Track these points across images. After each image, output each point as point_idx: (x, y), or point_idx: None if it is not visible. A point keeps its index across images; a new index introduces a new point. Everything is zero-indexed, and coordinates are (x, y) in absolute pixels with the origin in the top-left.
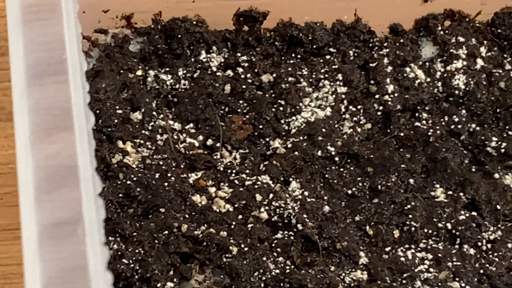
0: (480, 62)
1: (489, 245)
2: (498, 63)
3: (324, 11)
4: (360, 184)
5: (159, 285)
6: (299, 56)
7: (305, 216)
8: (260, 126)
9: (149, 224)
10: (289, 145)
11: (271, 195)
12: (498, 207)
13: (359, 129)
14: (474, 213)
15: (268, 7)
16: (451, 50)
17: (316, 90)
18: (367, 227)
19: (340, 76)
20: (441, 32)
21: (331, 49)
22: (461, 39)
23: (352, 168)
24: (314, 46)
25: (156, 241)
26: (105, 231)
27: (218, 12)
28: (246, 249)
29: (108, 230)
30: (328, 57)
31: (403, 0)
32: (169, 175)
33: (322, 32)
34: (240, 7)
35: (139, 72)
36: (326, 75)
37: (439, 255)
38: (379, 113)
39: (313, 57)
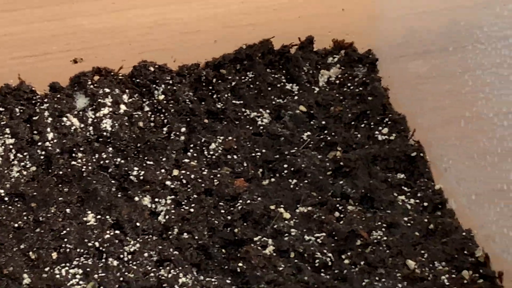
0: (123, 107)
1: (129, 256)
2: (138, 106)
3: None
4: (26, 218)
5: None
6: None
7: None
8: None
9: None
10: None
11: None
12: (138, 224)
13: (25, 172)
14: (117, 232)
15: None
16: (99, 100)
17: None
18: (31, 253)
19: (8, 130)
20: (91, 86)
21: (0, 109)
22: (107, 90)
23: (19, 205)
24: None
25: None
26: None
27: None
28: None
29: None
30: None
31: (57, 63)
32: None
33: None
34: None
35: None
36: None
37: (88, 269)
38: (42, 157)
39: None
